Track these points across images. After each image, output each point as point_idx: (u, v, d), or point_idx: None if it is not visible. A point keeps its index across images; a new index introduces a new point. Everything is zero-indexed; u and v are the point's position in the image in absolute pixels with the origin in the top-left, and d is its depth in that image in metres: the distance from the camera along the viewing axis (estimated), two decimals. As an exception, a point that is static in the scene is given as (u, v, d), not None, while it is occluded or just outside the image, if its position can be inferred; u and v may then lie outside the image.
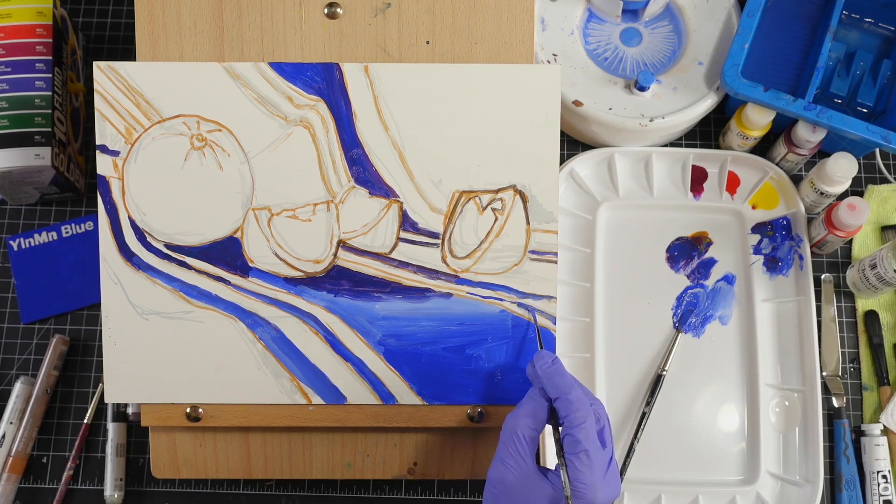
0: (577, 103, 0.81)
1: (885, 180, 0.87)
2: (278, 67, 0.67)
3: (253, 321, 0.68)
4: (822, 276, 0.83)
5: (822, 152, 0.86)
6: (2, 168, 0.75)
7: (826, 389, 0.80)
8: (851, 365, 0.82)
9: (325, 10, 0.69)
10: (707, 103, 0.82)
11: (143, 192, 0.67)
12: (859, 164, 0.86)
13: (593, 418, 0.56)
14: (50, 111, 0.77)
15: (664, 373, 0.79)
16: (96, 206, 0.70)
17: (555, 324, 0.69)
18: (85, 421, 0.79)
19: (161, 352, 0.68)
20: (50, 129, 0.77)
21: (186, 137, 0.67)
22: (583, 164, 0.84)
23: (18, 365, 0.81)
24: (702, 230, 0.83)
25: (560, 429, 0.57)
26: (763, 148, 0.87)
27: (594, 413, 0.57)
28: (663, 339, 0.80)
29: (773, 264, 0.82)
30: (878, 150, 0.87)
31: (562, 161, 0.84)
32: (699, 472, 0.77)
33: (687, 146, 0.87)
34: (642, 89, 0.81)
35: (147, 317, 0.68)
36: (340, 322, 0.68)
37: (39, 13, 0.79)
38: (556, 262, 0.68)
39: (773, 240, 0.82)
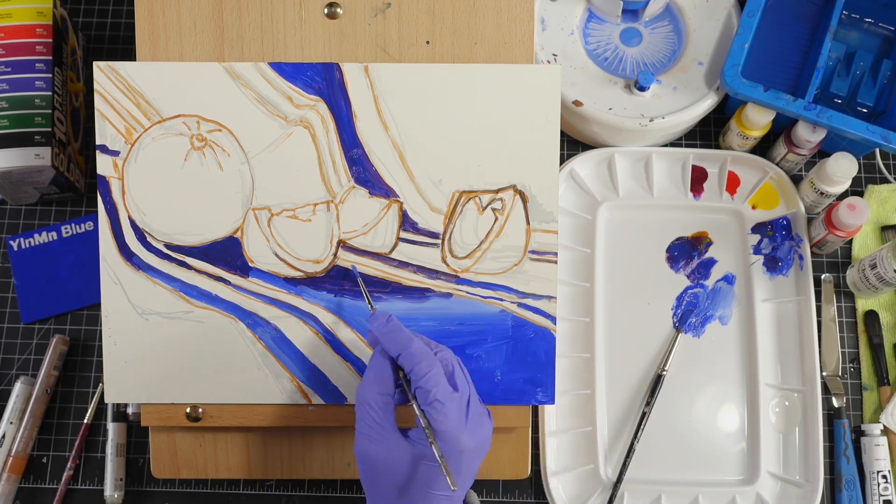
0: (577, 103, 0.81)
1: (885, 180, 0.87)
2: (278, 67, 0.67)
3: (253, 321, 0.68)
4: (822, 276, 0.83)
5: (822, 152, 0.86)
6: (2, 168, 0.75)
7: (826, 389, 0.80)
8: (851, 365, 0.82)
9: (325, 10, 0.69)
10: (707, 103, 0.82)
11: (143, 192, 0.67)
12: (859, 164, 0.86)
13: (439, 366, 0.56)
14: (50, 111, 0.77)
15: (664, 373, 0.79)
16: (96, 206, 0.70)
17: (555, 324, 0.68)
18: (85, 421, 0.79)
19: (161, 352, 0.68)
20: (50, 129, 0.76)
21: (186, 137, 0.67)
22: (583, 164, 0.84)
23: (18, 365, 0.81)
24: (702, 230, 0.83)
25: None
26: (763, 148, 0.87)
27: (440, 360, 0.57)
28: (663, 339, 0.80)
29: (773, 264, 0.82)
30: (878, 150, 0.87)
31: (562, 161, 0.84)
32: (699, 471, 0.77)
33: (687, 146, 0.87)
34: (642, 89, 0.81)
35: (147, 317, 0.67)
36: (340, 322, 0.68)
37: (39, 13, 0.79)
38: (556, 262, 0.68)
39: (773, 240, 0.82)
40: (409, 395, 0.56)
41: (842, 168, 0.78)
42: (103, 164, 0.67)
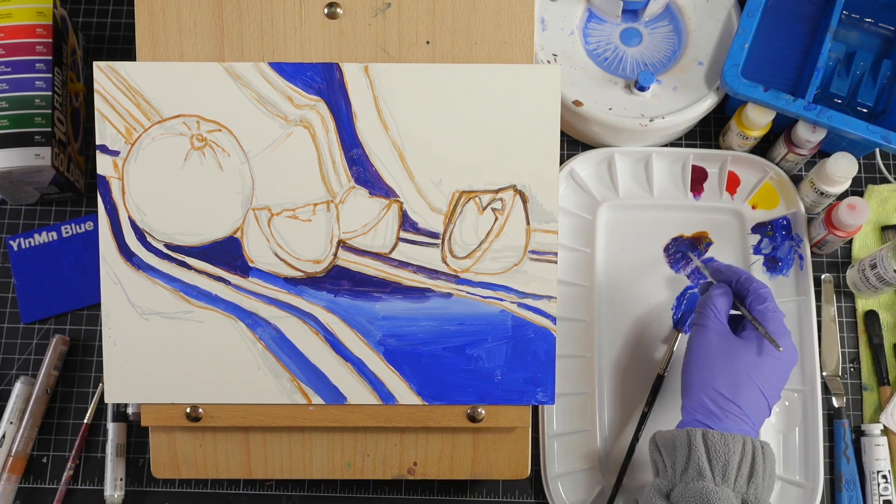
0: (577, 103, 0.81)
1: (885, 180, 0.87)
2: (278, 67, 0.67)
3: (253, 321, 0.68)
4: (822, 276, 0.83)
5: (822, 152, 0.86)
6: (2, 168, 0.75)
7: (826, 389, 0.80)
8: (851, 365, 0.82)
9: (325, 10, 0.69)
10: (707, 103, 0.82)
11: (143, 192, 0.67)
12: (859, 164, 0.86)
13: (769, 290, 0.69)
14: (50, 111, 0.77)
15: (664, 373, 0.79)
16: (96, 206, 0.70)
17: (555, 324, 0.68)
18: (85, 421, 0.79)
19: (161, 352, 0.68)
20: (50, 129, 0.77)
21: (186, 137, 0.67)
22: (583, 164, 0.84)
23: (18, 365, 0.81)
24: (702, 230, 0.83)
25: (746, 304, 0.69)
26: (763, 148, 0.87)
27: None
28: (663, 339, 0.80)
29: (773, 264, 0.82)
30: (878, 150, 0.87)
31: (562, 161, 0.84)
32: (699, 472, 0.77)
33: (687, 146, 0.87)
34: (642, 89, 0.81)
35: (147, 317, 0.68)
36: (340, 322, 0.68)
37: (39, 13, 0.79)
38: (556, 262, 0.68)
39: (773, 240, 0.82)
40: (744, 309, 0.69)
41: (842, 168, 0.78)
42: (103, 164, 0.67)
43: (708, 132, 0.88)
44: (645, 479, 0.76)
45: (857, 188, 0.87)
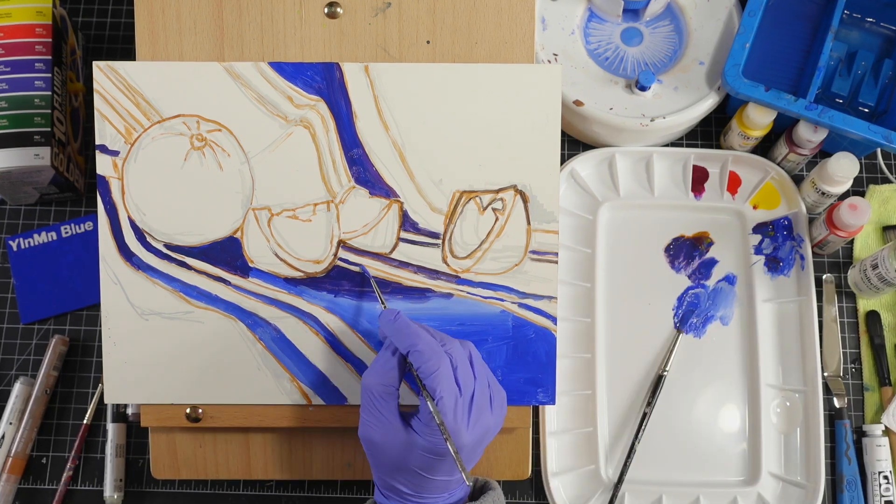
0: (578, 103, 0.81)
1: (886, 180, 0.87)
2: (278, 67, 0.67)
3: (253, 321, 0.68)
4: (824, 277, 0.83)
5: (824, 152, 0.86)
6: (1, 168, 0.75)
7: (827, 390, 0.80)
8: (853, 365, 0.82)
9: (326, 10, 0.68)
10: (708, 103, 0.82)
11: (143, 192, 0.67)
12: (860, 163, 0.86)
13: (447, 362, 0.57)
14: (49, 111, 0.77)
15: (665, 373, 0.79)
16: (96, 207, 0.70)
17: (555, 324, 0.68)
18: (85, 421, 0.79)
19: (161, 352, 0.68)
20: (49, 129, 0.76)
21: (186, 137, 0.67)
22: (584, 163, 0.84)
23: (18, 365, 0.81)
24: (703, 230, 0.83)
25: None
26: (764, 148, 0.87)
27: (448, 355, 0.57)
28: (664, 340, 0.80)
29: (775, 264, 0.82)
30: (879, 150, 0.87)
31: (562, 161, 0.84)
32: (700, 472, 0.77)
33: (688, 146, 0.87)
34: (643, 89, 0.81)
35: (147, 317, 0.67)
36: (341, 322, 0.68)
37: (39, 13, 0.79)
38: (556, 263, 0.68)
39: (775, 240, 0.82)
40: (420, 387, 0.57)
41: (843, 168, 0.78)
42: (103, 164, 0.67)
43: (709, 132, 0.88)
44: (646, 479, 0.76)
45: (858, 188, 0.87)
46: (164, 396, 0.68)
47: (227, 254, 0.67)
